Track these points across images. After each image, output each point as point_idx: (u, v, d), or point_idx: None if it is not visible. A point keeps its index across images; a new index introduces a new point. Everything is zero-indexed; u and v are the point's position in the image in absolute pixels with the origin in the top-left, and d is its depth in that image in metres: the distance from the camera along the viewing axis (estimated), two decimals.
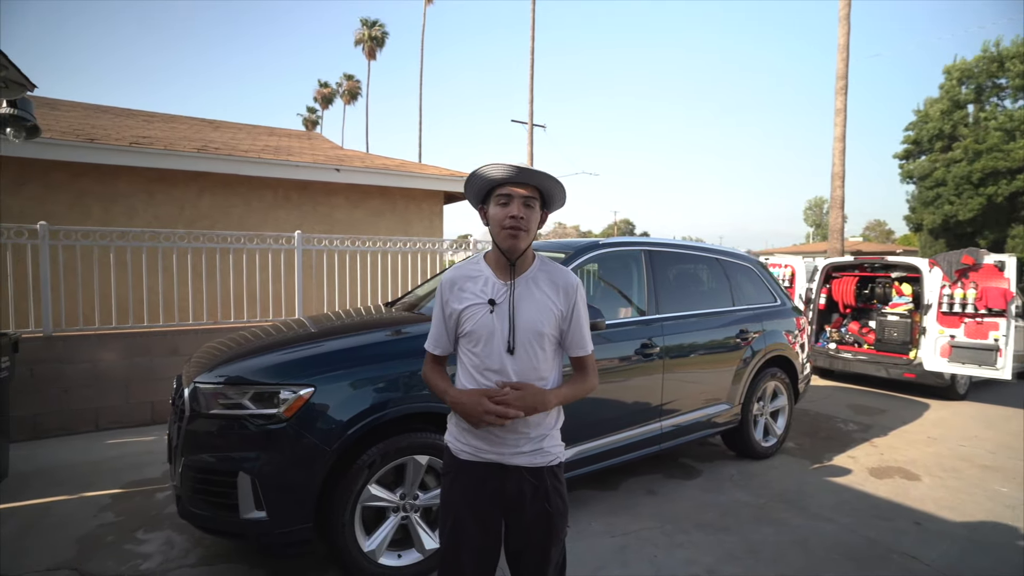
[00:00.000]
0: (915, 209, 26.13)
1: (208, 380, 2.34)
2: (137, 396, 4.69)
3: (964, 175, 23.15)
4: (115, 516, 3.06)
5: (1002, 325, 5.58)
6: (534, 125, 22.25)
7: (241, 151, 6.31)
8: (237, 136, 7.98)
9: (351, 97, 48.51)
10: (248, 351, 2.60)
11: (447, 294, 1.53)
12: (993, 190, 22.61)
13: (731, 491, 3.56)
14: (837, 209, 14.18)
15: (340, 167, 6.57)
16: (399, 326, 2.89)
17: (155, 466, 3.81)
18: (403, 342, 2.64)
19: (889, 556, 2.76)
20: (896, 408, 5.84)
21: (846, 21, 13.80)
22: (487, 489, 1.47)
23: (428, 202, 7.92)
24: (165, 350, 4.77)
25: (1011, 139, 21.87)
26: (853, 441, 4.66)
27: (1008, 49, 23.18)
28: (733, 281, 4.18)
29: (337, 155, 7.69)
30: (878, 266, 6.99)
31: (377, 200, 7.42)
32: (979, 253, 5.86)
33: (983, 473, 3.98)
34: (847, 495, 3.52)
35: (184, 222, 6.02)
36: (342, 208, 7.15)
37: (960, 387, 6.27)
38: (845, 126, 13.89)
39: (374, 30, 42.60)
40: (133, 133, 6.35)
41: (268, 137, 8.56)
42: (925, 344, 5.98)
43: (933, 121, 25.10)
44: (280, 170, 6.24)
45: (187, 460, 2.28)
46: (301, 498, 2.19)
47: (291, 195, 6.74)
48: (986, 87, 24.26)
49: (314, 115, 50.83)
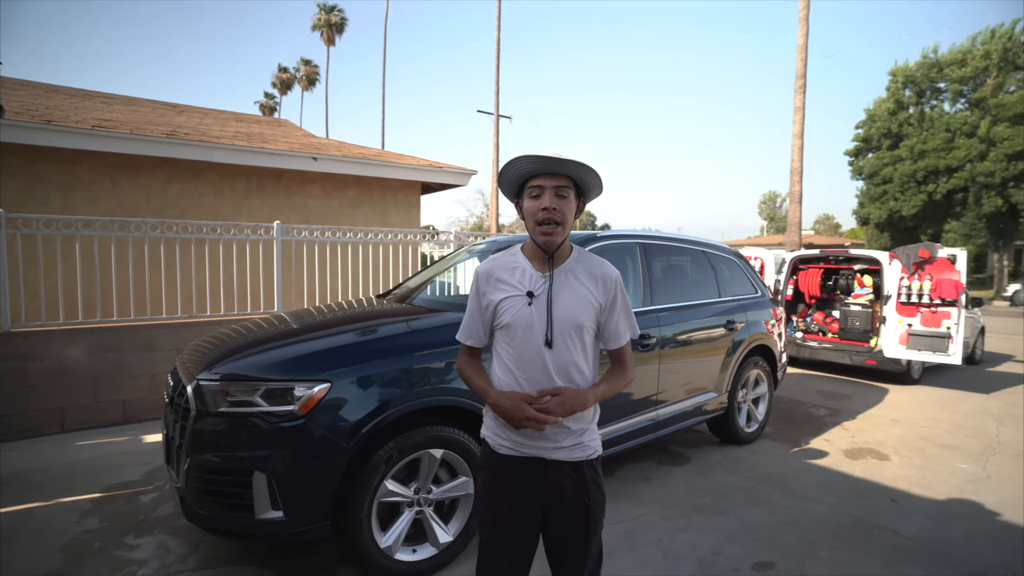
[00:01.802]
0: (863, 204, 27.56)
1: (214, 377, 2.25)
2: (107, 394, 4.45)
3: (909, 173, 24.58)
4: (99, 521, 2.91)
5: (954, 314, 5.98)
6: (500, 116, 22.18)
7: (213, 137, 6.03)
8: (205, 121, 7.61)
9: (309, 83, 47.04)
10: (252, 345, 2.51)
11: (484, 285, 1.51)
12: (933, 187, 24.11)
13: (721, 476, 3.69)
14: (796, 203, 14.77)
15: (317, 156, 6.37)
16: (407, 318, 2.84)
17: (134, 468, 3.64)
18: (417, 335, 2.60)
19: (872, 532, 2.94)
20: (860, 393, 6.18)
21: (805, 22, 14.32)
22: (527, 483, 1.48)
23: (405, 192, 7.80)
24: (138, 345, 4.53)
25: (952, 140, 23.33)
26: (826, 425, 4.91)
27: (945, 56, 24.66)
28: (719, 273, 4.31)
29: (313, 143, 7.45)
30: (841, 259, 7.36)
31: (354, 190, 7.25)
32: (934, 247, 6.24)
33: (944, 452, 4.27)
34: (828, 476, 3.72)
35: (151, 210, 5.71)
36: (318, 198, 6.95)
37: (915, 372, 6.70)
38: (803, 123, 14.45)
39: (332, 15, 41.33)
40: (94, 116, 5.96)
41: (237, 123, 8.19)
42: (885, 332, 6.35)
43: (881, 121, 26.50)
44: (255, 158, 6.00)
45: (194, 460, 2.19)
46: (319, 496, 2.14)
47: (265, 184, 6.49)
48: (926, 91, 25.75)
49: (272, 101, 48.94)
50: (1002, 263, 25.61)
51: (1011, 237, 24.27)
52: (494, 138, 22.07)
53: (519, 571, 1.53)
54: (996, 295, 23.88)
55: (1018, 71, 23.06)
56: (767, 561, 2.61)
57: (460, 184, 8.20)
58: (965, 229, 24.53)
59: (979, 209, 23.14)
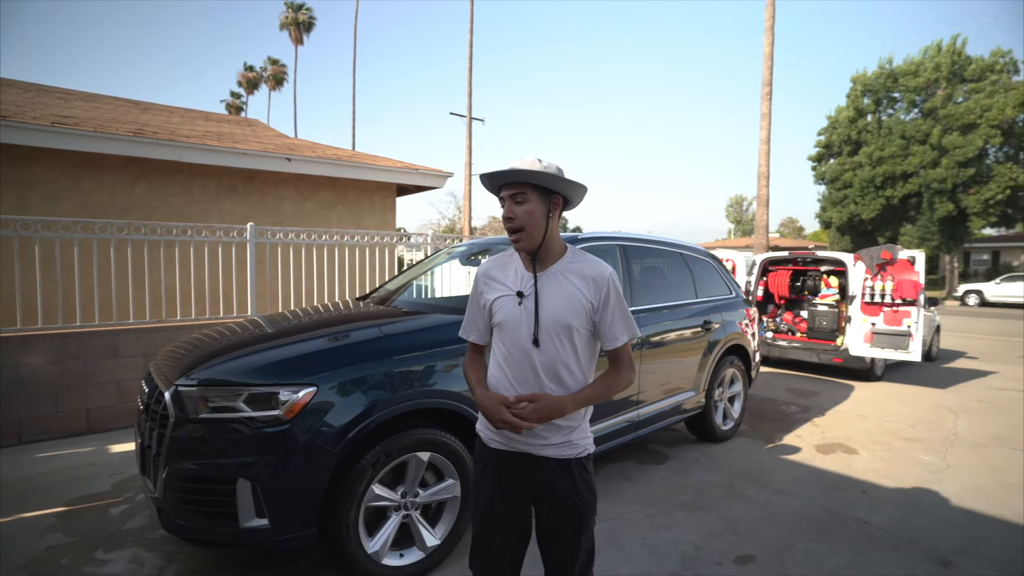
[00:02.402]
0: (825, 208, 28.56)
1: (193, 382, 2.19)
2: (69, 403, 4.25)
3: (868, 179, 25.61)
4: (65, 536, 2.78)
5: (913, 313, 6.26)
6: (473, 119, 22.18)
7: (182, 136, 5.84)
8: (172, 120, 7.36)
9: (276, 83, 46.05)
10: (231, 349, 2.44)
11: (481, 285, 1.57)
12: (891, 192, 25.18)
13: (699, 473, 3.77)
14: (763, 207, 15.23)
15: (291, 156, 6.25)
16: (390, 321, 2.82)
17: (101, 479, 3.49)
18: (402, 337, 2.58)
19: (845, 523, 3.05)
20: (827, 390, 6.40)
21: (771, 32, 14.80)
22: (517, 477, 1.51)
23: (380, 194, 7.71)
24: (103, 352, 4.35)
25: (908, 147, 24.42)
26: (797, 422, 5.07)
27: (900, 67, 25.82)
28: (695, 274, 4.41)
29: (286, 144, 7.30)
30: (809, 260, 7.62)
31: (328, 192, 7.14)
32: (895, 249, 6.52)
33: (908, 445, 4.46)
34: (801, 471, 3.84)
35: (116, 211, 5.49)
36: (291, 199, 6.81)
37: (878, 369, 6.98)
38: (770, 129, 14.93)
39: (300, 14, 40.61)
40: (52, 112, 5.70)
41: (206, 122, 7.96)
42: (851, 331, 6.59)
43: (842, 128, 27.54)
44: (226, 158, 5.83)
45: (173, 468, 2.11)
46: (305, 502, 2.10)
47: (237, 185, 6.33)
48: (883, 99, 26.91)
49: (239, 100, 47.71)
50: (953, 265, 26.92)
51: (961, 240, 25.55)
52: (467, 140, 22.05)
53: (510, 562, 1.55)
54: (948, 295, 25.08)
55: (965, 83, 24.33)
56: (748, 555, 2.68)
57: (436, 186, 8.16)
58: (920, 232, 25.69)
59: (932, 213, 24.28)
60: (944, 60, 24.25)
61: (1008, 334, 12.38)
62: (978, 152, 22.88)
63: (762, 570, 2.56)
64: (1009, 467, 3.96)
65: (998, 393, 6.37)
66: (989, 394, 6.31)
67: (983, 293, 21.80)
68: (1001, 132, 22.76)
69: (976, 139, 22.51)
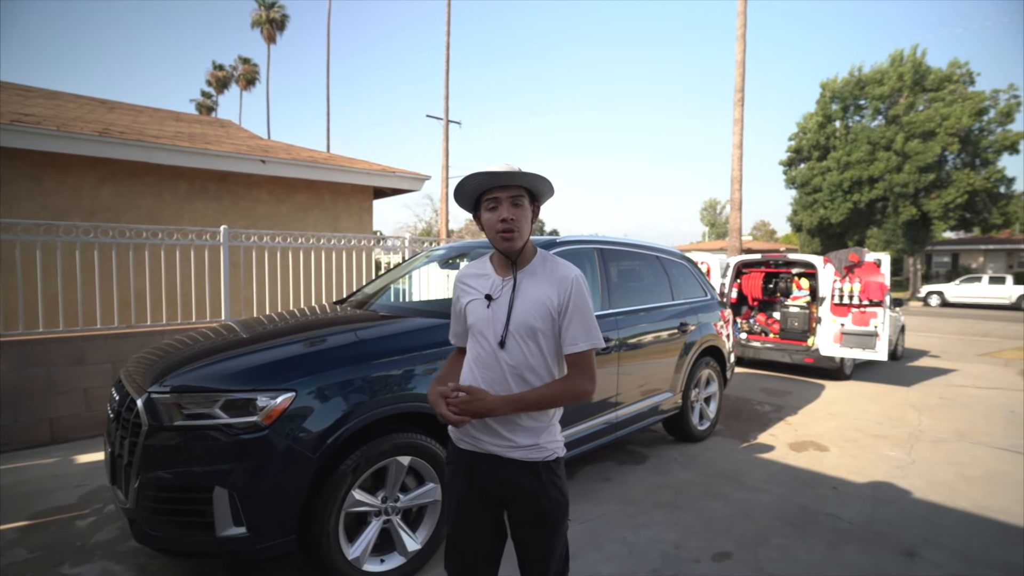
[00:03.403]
0: (796, 211, 29.33)
1: (166, 389, 2.13)
2: (31, 413, 4.09)
3: (836, 183, 26.40)
4: (28, 552, 2.67)
5: (880, 314, 6.47)
6: (450, 121, 22.13)
7: (151, 136, 5.69)
8: (139, 119, 7.16)
9: (248, 83, 45.15)
10: (204, 355, 2.39)
11: (457, 291, 1.63)
12: (858, 197, 26.00)
13: (677, 472, 3.83)
14: (736, 210, 15.56)
15: (266, 158, 6.14)
16: (368, 325, 2.79)
17: (67, 491, 3.37)
18: (381, 341, 2.56)
19: (817, 518, 3.14)
20: (799, 390, 6.57)
21: (743, 40, 15.15)
22: (487, 478, 1.51)
23: (357, 197, 7.64)
24: (68, 359, 4.20)
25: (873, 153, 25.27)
26: (770, 421, 5.19)
27: (867, 75, 26.73)
28: (671, 277, 4.48)
29: (259, 145, 7.17)
30: (781, 263, 7.81)
31: (303, 194, 7.04)
32: (862, 251, 6.74)
33: (875, 441, 4.61)
34: (775, 468, 3.94)
35: (82, 214, 5.31)
36: (266, 202, 6.69)
37: (847, 369, 7.19)
38: (742, 134, 15.27)
39: (273, 12, 39.93)
40: (11, 109, 5.48)
41: (176, 123, 7.77)
42: (821, 332, 6.79)
43: (811, 133, 28.34)
44: (198, 159, 5.70)
45: (145, 478, 2.06)
46: (284, 509, 2.07)
47: (208, 187, 6.19)
48: (851, 106, 27.80)
49: (209, 100, 46.61)
50: (916, 267, 27.94)
51: (924, 243, 26.54)
52: (444, 143, 21.99)
53: (484, 562, 1.55)
54: (912, 296, 26.01)
55: (925, 92, 25.33)
56: (725, 551, 2.74)
57: (413, 189, 8.12)
58: (885, 235, 26.61)
59: (897, 217, 25.17)
60: (907, 70, 25.21)
61: (967, 333, 12.91)
62: (937, 158, 23.83)
63: (738, 566, 2.62)
64: (969, 461, 4.12)
65: (958, 390, 6.63)
66: (950, 391, 6.56)
67: (944, 294, 22.69)
68: (959, 140, 23.77)
69: (935, 146, 23.45)
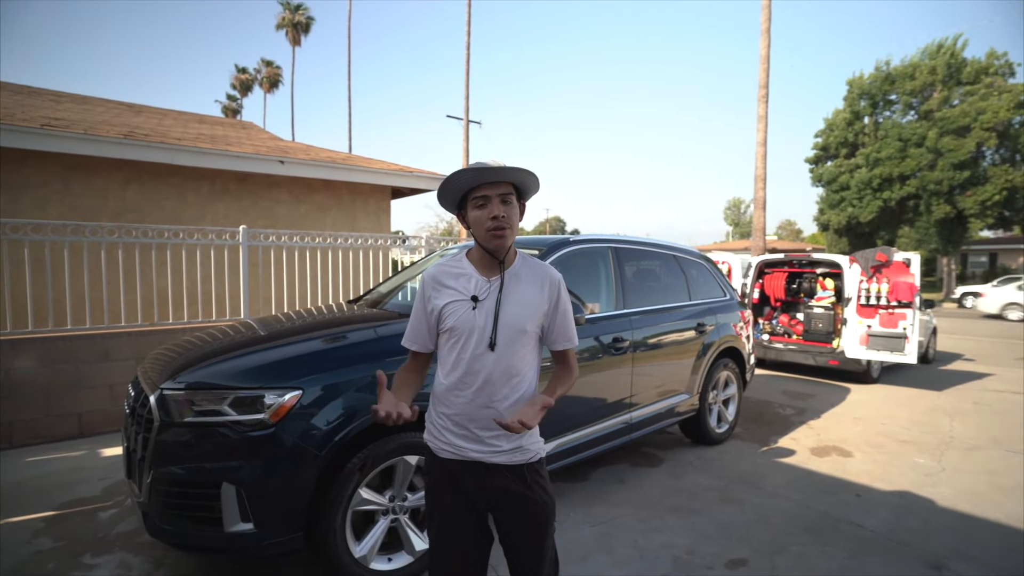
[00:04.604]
0: (823, 210, 28.62)
1: (178, 386, 2.17)
2: (60, 407, 4.22)
3: (865, 181, 25.67)
4: (53, 541, 2.75)
5: (909, 315, 6.25)
6: (470, 121, 22.19)
7: (174, 138, 5.82)
8: (164, 122, 7.35)
9: (271, 85, 45.99)
10: (217, 353, 2.43)
11: (429, 290, 1.51)
12: (888, 195, 25.24)
13: (693, 476, 3.76)
14: (759, 209, 15.24)
15: (285, 159, 6.24)
16: (378, 324, 2.80)
17: (91, 483, 3.46)
18: (389, 340, 2.56)
19: (839, 526, 3.03)
20: (823, 393, 6.39)
21: (767, 34, 14.83)
22: (470, 486, 1.47)
23: (375, 197, 7.70)
24: (94, 355, 4.32)
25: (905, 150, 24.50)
26: (792, 424, 5.06)
27: (897, 69, 25.92)
28: (689, 276, 4.40)
29: (279, 146, 7.29)
30: (805, 263, 7.61)
31: (322, 194, 7.12)
32: (890, 251, 6.52)
33: (902, 447, 4.45)
34: (795, 473, 3.83)
35: (108, 214, 5.47)
36: (285, 202, 6.79)
37: (874, 372, 6.97)
38: (766, 131, 14.94)
39: (298, 15, 40.61)
40: (42, 114, 5.68)
41: (199, 125, 7.95)
42: (846, 334, 6.58)
43: (839, 130, 27.62)
44: (220, 160, 5.82)
45: (157, 473, 2.09)
46: (291, 506, 2.08)
47: (230, 187, 6.31)
48: (880, 102, 27.00)
49: (234, 103, 47.68)
50: (950, 267, 26.98)
51: (959, 242, 25.61)
52: (464, 143, 22.07)
53: (471, 570, 1.51)
54: (946, 297, 25.12)
55: (960, 86, 24.42)
56: (740, 558, 2.67)
57: (431, 189, 8.15)
58: (918, 234, 25.78)
59: (930, 216, 24.35)
60: (940, 63, 24.36)
61: (1005, 336, 12.40)
62: (972, 155, 22.96)
63: (754, 574, 2.54)
64: (1004, 470, 3.94)
65: (994, 395, 6.36)
66: (985, 396, 6.30)
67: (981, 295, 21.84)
68: (996, 134, 22.85)
69: (970, 141, 22.60)
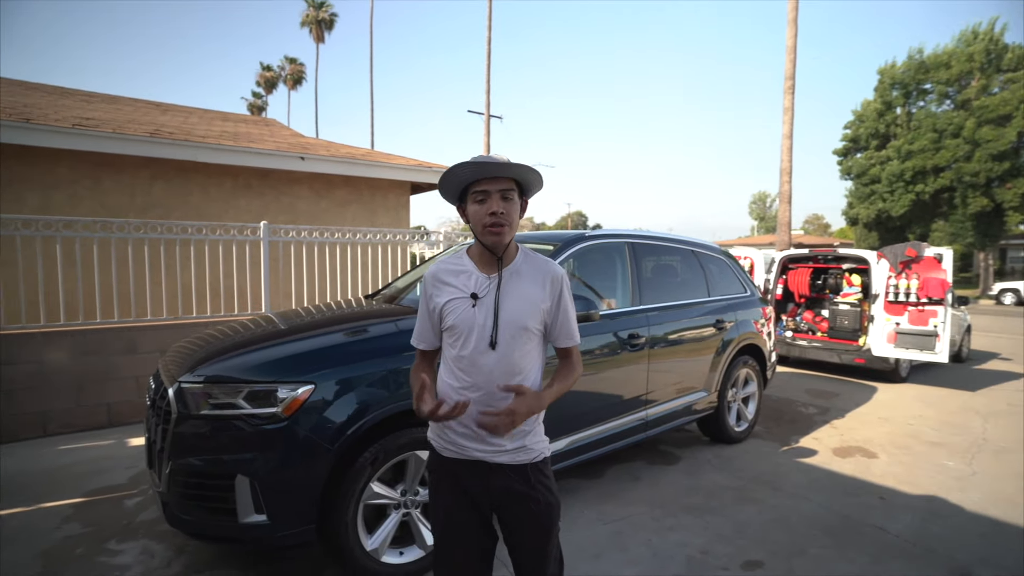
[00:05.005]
0: (852, 204, 27.81)
1: (195, 379, 2.21)
2: (91, 398, 4.37)
3: (897, 173, 24.84)
4: (82, 527, 2.85)
5: (940, 313, 6.04)
6: (491, 116, 22.14)
7: (198, 136, 5.95)
8: (189, 120, 7.52)
9: (295, 82, 46.68)
10: (235, 347, 2.47)
11: (430, 288, 1.50)
12: (921, 188, 24.39)
13: (711, 475, 3.70)
14: (785, 203, 14.88)
15: (305, 155, 6.31)
16: (394, 319, 2.81)
17: (118, 471, 3.58)
18: (404, 335, 2.57)
19: (861, 529, 2.95)
20: (848, 391, 6.22)
21: (794, 24, 14.42)
22: (474, 486, 1.46)
23: (394, 192, 7.75)
24: (122, 348, 4.46)
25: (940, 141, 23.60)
26: (815, 424, 4.94)
27: (931, 57, 24.95)
28: (707, 272, 4.32)
29: (300, 143, 7.38)
30: (830, 258, 7.41)
31: (342, 190, 7.20)
32: (921, 246, 6.30)
33: (931, 449, 4.31)
34: (817, 474, 3.74)
35: (136, 211, 5.62)
36: (306, 198, 6.88)
37: (903, 370, 6.76)
38: (792, 124, 14.55)
39: (322, 12, 41.05)
40: (74, 114, 5.86)
41: (223, 122, 8.10)
42: (873, 331, 6.39)
43: (869, 121, 26.76)
44: (241, 157, 5.92)
45: (175, 464, 2.14)
46: (303, 499, 2.11)
47: (252, 183, 6.42)
48: (913, 91, 26.04)
49: (260, 100, 48.54)
50: (988, 262, 25.96)
51: (996, 236, 24.60)
52: (485, 138, 22.04)
53: (475, 569, 1.50)
54: (982, 294, 24.21)
55: (1001, 73, 23.38)
56: (756, 560, 2.61)
57: None
58: (953, 228, 24.84)
59: (966, 209, 23.43)
60: (978, 49, 23.35)
61: None
62: (1013, 145, 22.00)
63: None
64: None
65: None
66: (1021, 397, 6.06)
67: (1020, 292, 20.98)
68: None
69: (1011, 131, 21.64)
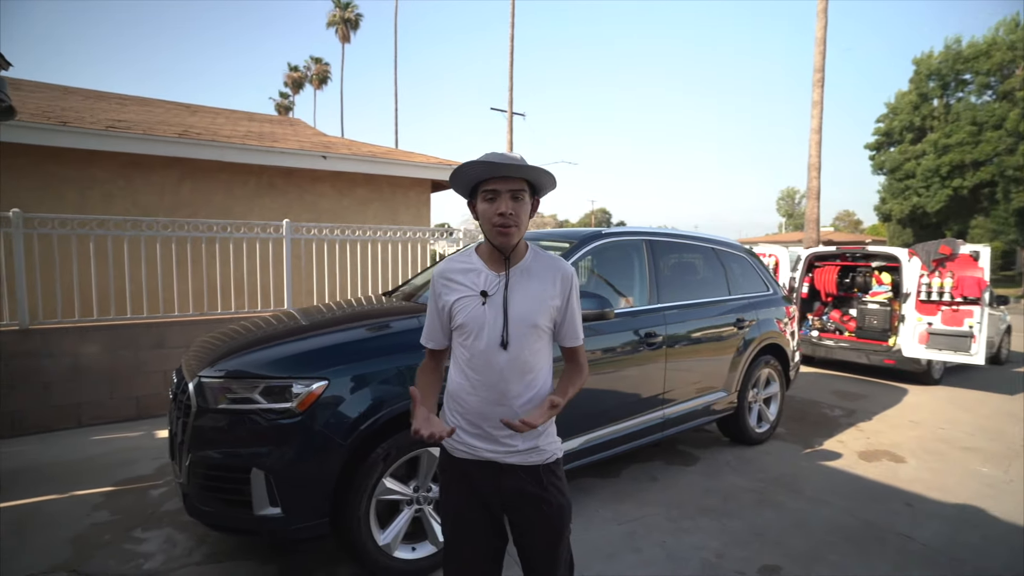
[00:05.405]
0: (885, 200, 26.92)
1: (214, 374, 2.27)
2: (121, 390, 4.53)
3: (933, 168, 23.94)
4: (110, 515, 2.96)
5: (976, 313, 5.80)
6: (514, 114, 22.10)
7: (224, 136, 6.10)
8: (217, 121, 7.71)
9: (320, 82, 47.43)
10: (254, 343, 2.52)
11: (439, 287, 1.49)
12: (959, 183, 23.45)
13: (729, 476, 3.63)
14: (813, 199, 14.50)
15: (327, 154, 6.41)
16: (410, 316, 2.84)
17: (146, 462, 3.70)
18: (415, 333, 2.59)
19: (885, 537, 2.86)
20: (877, 393, 6.03)
21: (823, 15, 14.01)
22: (485, 487, 1.45)
23: (415, 190, 7.81)
24: (150, 342, 4.61)
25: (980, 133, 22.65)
26: (840, 426, 4.80)
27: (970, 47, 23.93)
28: (728, 270, 4.23)
29: (323, 142, 7.50)
30: (859, 255, 7.18)
31: (364, 188, 7.28)
32: (955, 243, 6.06)
33: (964, 454, 4.15)
34: (840, 478, 3.63)
35: (164, 209, 5.80)
36: (328, 196, 6.99)
37: (935, 372, 6.52)
38: (821, 118, 14.17)
39: (348, 12, 41.58)
40: (108, 116, 6.06)
41: (249, 123, 8.29)
42: (904, 331, 6.18)
43: (903, 114, 25.84)
44: (265, 157, 6.05)
45: (195, 456, 2.21)
46: (317, 493, 2.15)
47: (276, 182, 6.55)
48: (951, 83, 25.04)
49: (287, 100, 49.49)
50: None
51: None
52: (508, 135, 22.02)
53: (485, 569, 1.50)
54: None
55: None
56: (773, 565, 2.56)
57: None
58: (994, 224, 23.83)
59: (1008, 204, 22.43)
60: (1020, 37, 22.31)
61: None
62: None
63: None
64: None
65: None
66: None
67: None
68: None
69: None
